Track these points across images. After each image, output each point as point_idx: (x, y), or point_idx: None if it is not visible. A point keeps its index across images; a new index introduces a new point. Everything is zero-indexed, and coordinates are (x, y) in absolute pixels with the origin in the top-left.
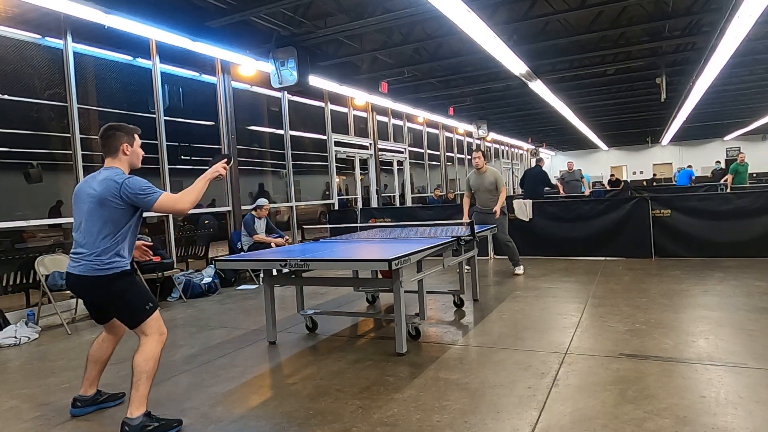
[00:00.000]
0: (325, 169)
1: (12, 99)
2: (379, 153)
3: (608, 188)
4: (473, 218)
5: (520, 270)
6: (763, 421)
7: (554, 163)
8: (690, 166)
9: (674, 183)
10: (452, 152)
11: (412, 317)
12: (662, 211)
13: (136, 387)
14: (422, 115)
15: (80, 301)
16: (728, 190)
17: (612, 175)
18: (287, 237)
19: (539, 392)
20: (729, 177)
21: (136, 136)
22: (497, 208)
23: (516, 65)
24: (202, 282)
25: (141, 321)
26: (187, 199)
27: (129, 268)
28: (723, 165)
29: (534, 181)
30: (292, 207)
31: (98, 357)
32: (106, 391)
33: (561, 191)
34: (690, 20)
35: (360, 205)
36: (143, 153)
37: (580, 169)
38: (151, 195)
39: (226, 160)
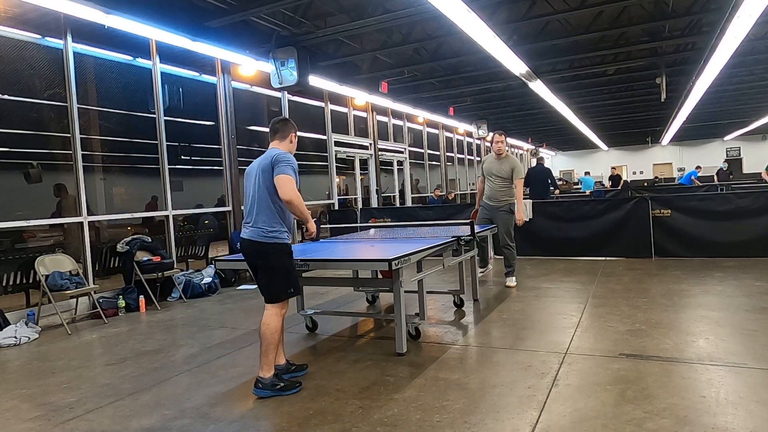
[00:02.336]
0: (325, 169)
1: (12, 99)
2: (379, 153)
3: (608, 188)
4: (479, 213)
5: (512, 282)
6: (763, 421)
7: (554, 163)
8: (699, 168)
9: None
10: (452, 152)
11: (412, 317)
12: (662, 211)
13: (265, 354)
14: (422, 115)
15: (80, 300)
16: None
17: (613, 169)
18: None
19: (539, 392)
20: (765, 174)
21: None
22: (519, 208)
23: (516, 65)
24: (202, 282)
25: (276, 300)
26: (296, 196)
27: (288, 243)
28: (726, 166)
29: (538, 180)
30: None
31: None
32: (293, 362)
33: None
34: (690, 20)
35: (360, 205)
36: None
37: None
38: (284, 167)
39: (314, 234)
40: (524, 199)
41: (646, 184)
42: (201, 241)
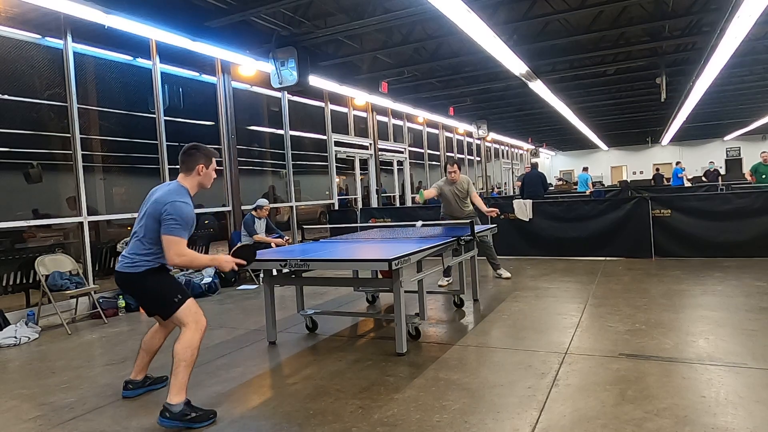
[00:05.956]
0: (325, 169)
1: (12, 99)
2: (379, 153)
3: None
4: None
5: (505, 273)
6: (763, 421)
7: (554, 163)
8: (679, 163)
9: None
10: (452, 152)
11: (412, 317)
12: (662, 211)
13: (175, 374)
14: (422, 115)
15: (80, 300)
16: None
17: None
18: (287, 237)
19: (539, 392)
20: (748, 175)
21: (213, 160)
22: (491, 212)
23: (516, 65)
24: (202, 282)
25: (172, 312)
26: (183, 260)
27: (156, 266)
28: (716, 165)
29: (533, 184)
30: (292, 207)
31: (150, 347)
32: (152, 375)
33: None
34: (690, 20)
35: (360, 205)
36: (215, 176)
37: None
38: (169, 228)
39: (245, 262)
40: (524, 199)
41: (653, 182)
42: (201, 241)
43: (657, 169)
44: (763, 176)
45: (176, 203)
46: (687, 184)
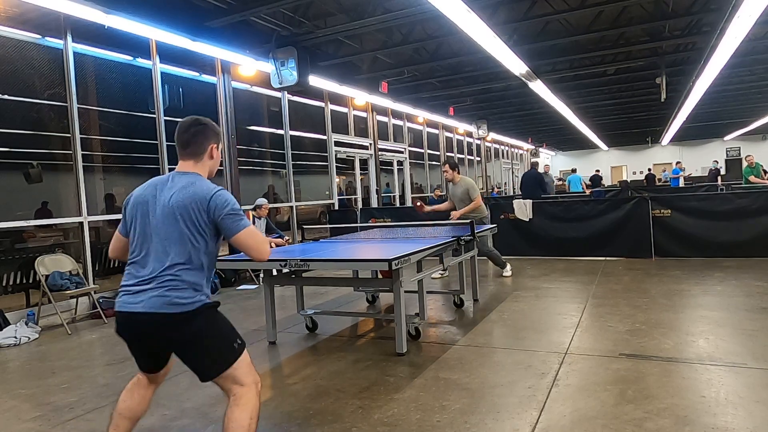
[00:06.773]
0: (325, 169)
1: (12, 99)
2: (379, 153)
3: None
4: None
5: (508, 272)
6: (763, 421)
7: (554, 163)
8: (678, 163)
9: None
10: (452, 152)
11: (412, 317)
12: (662, 211)
13: None
14: (422, 115)
15: (80, 300)
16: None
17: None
18: (287, 237)
19: (539, 392)
20: (752, 178)
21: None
22: (456, 214)
23: (516, 65)
24: None
25: (226, 367)
26: (263, 248)
27: (209, 301)
28: (720, 164)
29: (532, 184)
30: (292, 207)
31: (133, 413)
32: None
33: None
34: (690, 20)
35: (360, 205)
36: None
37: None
38: (242, 221)
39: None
40: (523, 199)
41: (646, 182)
42: None
43: (649, 170)
44: (751, 176)
45: (222, 191)
46: (682, 183)
